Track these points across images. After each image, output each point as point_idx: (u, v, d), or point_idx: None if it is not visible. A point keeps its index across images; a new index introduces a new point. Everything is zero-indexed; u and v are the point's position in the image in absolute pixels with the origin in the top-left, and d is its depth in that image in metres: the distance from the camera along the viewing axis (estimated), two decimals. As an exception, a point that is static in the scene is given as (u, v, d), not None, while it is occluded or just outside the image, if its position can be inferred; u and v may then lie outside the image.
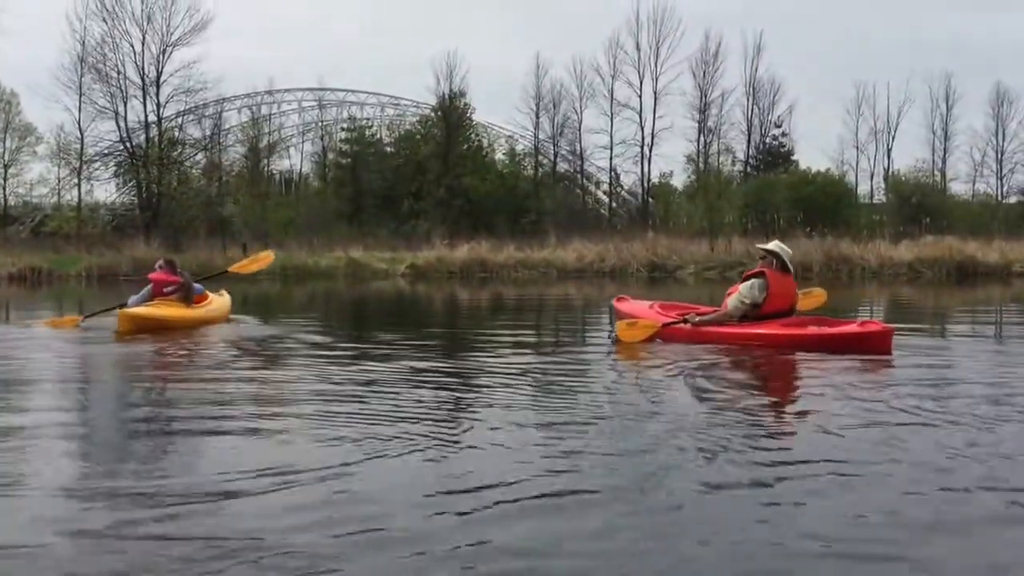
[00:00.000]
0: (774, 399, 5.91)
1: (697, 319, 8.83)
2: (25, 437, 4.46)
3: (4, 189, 46.16)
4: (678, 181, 54.42)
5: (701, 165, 49.15)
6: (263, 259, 12.22)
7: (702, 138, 49.41)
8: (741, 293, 8.54)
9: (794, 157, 52.61)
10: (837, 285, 26.75)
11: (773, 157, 51.85)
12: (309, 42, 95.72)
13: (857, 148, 51.39)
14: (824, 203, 44.71)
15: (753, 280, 8.55)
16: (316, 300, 20.52)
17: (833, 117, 75.30)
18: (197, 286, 11.40)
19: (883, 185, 51.27)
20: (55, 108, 43.13)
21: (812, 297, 9.53)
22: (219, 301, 11.98)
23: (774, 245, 8.81)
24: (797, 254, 30.77)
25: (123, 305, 10.69)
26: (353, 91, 59.06)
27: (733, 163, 50.81)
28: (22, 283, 27.10)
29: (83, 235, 38.04)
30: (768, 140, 51.82)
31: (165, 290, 10.78)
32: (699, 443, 4.19)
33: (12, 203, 47.25)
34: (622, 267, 33.29)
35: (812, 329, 8.18)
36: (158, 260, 11.56)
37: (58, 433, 4.66)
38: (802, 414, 5.24)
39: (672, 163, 63.03)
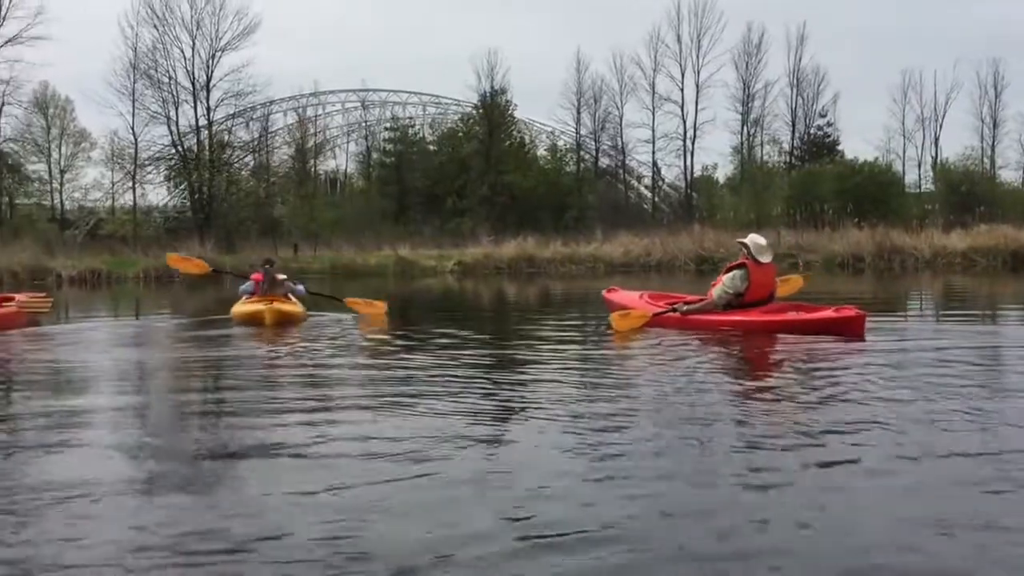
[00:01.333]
0: (816, 389, 5.93)
1: (685, 308, 9.46)
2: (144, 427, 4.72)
3: (61, 194, 47.40)
4: (722, 174, 54.18)
5: (746, 157, 48.81)
6: (378, 308, 12.63)
7: (745, 130, 49.16)
8: (724, 284, 9.17)
9: (839, 147, 51.98)
10: (890, 275, 26.55)
11: (818, 147, 51.21)
12: (351, 44, 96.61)
13: (904, 137, 50.75)
14: (872, 193, 44.07)
15: (735, 271, 9.19)
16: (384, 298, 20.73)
17: (879, 106, 74.06)
18: (300, 287, 12.43)
19: (931, 174, 50.60)
20: (109, 114, 44.19)
21: (790, 283, 10.19)
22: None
23: (750, 239, 9.38)
24: (848, 245, 31.16)
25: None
26: (395, 91, 59.59)
27: (780, 154, 50.37)
28: (82, 285, 27.78)
29: (138, 238, 38.88)
30: (813, 130, 51.22)
31: (263, 287, 11.72)
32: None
33: (68, 207, 48.44)
34: (669, 261, 33.21)
35: (792, 315, 8.86)
36: (260, 262, 12.75)
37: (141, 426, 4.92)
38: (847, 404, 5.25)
39: (715, 156, 62.51)
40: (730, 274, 9.22)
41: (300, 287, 12.38)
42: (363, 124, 57.43)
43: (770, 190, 45.33)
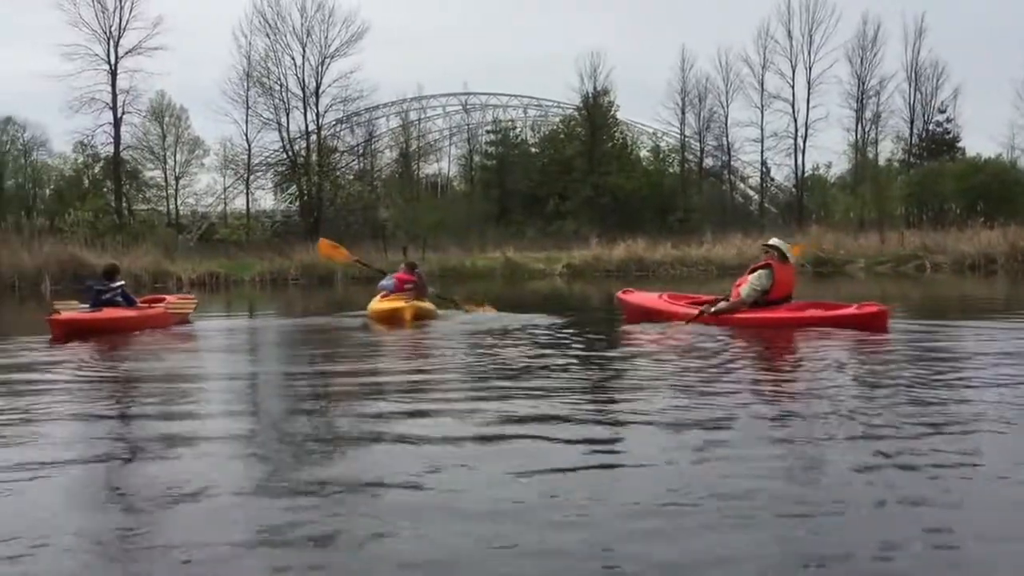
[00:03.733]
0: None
1: (714, 309, 9.92)
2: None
3: (176, 200, 48.90)
4: (834, 172, 52.44)
5: (868, 155, 47.03)
6: (489, 310, 13.27)
7: (860, 127, 47.38)
8: (752, 283, 9.71)
9: (960, 144, 49.67)
10: (1025, 277, 25.05)
11: (937, 145, 49.03)
12: (452, 48, 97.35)
13: (1031, 133, 48.03)
14: (996, 191, 41.90)
15: (762, 271, 9.74)
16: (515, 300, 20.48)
17: (1002, 100, 70.56)
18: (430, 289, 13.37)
19: (1060, 170, 47.77)
20: (224, 121, 45.32)
21: (796, 248, 11.00)
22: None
23: (775, 241, 10.23)
24: (978, 246, 29.52)
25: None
26: (495, 94, 59.64)
27: (898, 152, 48.39)
28: (202, 287, 28.37)
29: (251, 241, 39.71)
30: (931, 127, 49.04)
31: (405, 286, 12.55)
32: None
33: (182, 212, 49.94)
34: (785, 263, 32.08)
35: (821, 312, 9.51)
36: (401, 263, 13.72)
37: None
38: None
39: (826, 155, 60.55)
40: (756, 273, 9.76)
41: (430, 289, 13.32)
42: (465, 127, 57.61)
43: (888, 189, 43.54)
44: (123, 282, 11.81)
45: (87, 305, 11.24)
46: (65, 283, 26.73)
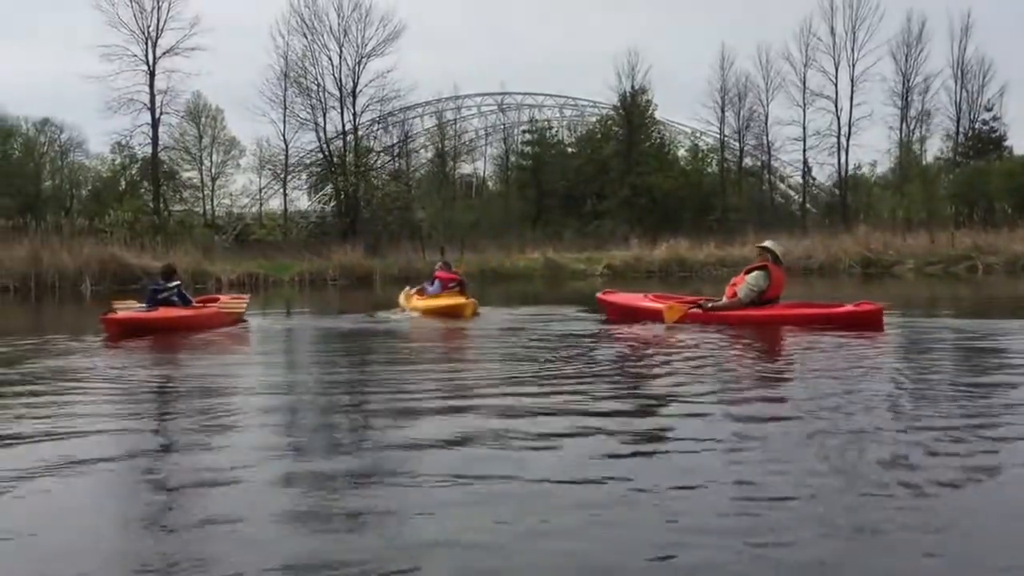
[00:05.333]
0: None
1: (710, 305, 10.44)
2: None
3: (212, 200, 48.94)
4: (880, 171, 51.46)
5: (913, 153, 46.03)
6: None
7: (905, 126, 46.40)
8: (749, 283, 10.19)
9: (1007, 143, 48.49)
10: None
11: (983, 143, 47.91)
12: (488, 48, 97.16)
13: (1082, 130, 46.86)
14: (1047, 191, 40.84)
15: (758, 272, 10.24)
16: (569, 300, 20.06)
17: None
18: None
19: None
20: (261, 121, 45.36)
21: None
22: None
23: (769, 243, 10.75)
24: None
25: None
26: (531, 94, 59.24)
27: (944, 151, 47.33)
28: (241, 288, 28.14)
29: (288, 242, 39.56)
30: (978, 125, 47.92)
31: (449, 285, 13.44)
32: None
33: (218, 213, 49.95)
34: (831, 263, 31.39)
35: (817, 310, 10.09)
36: (437, 262, 14.66)
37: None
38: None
39: (869, 153, 59.45)
40: (753, 274, 10.25)
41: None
42: (501, 127, 57.26)
43: (934, 188, 42.63)
44: (179, 282, 11.87)
45: (143, 304, 11.33)
46: (105, 283, 26.66)
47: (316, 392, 6.28)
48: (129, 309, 11.16)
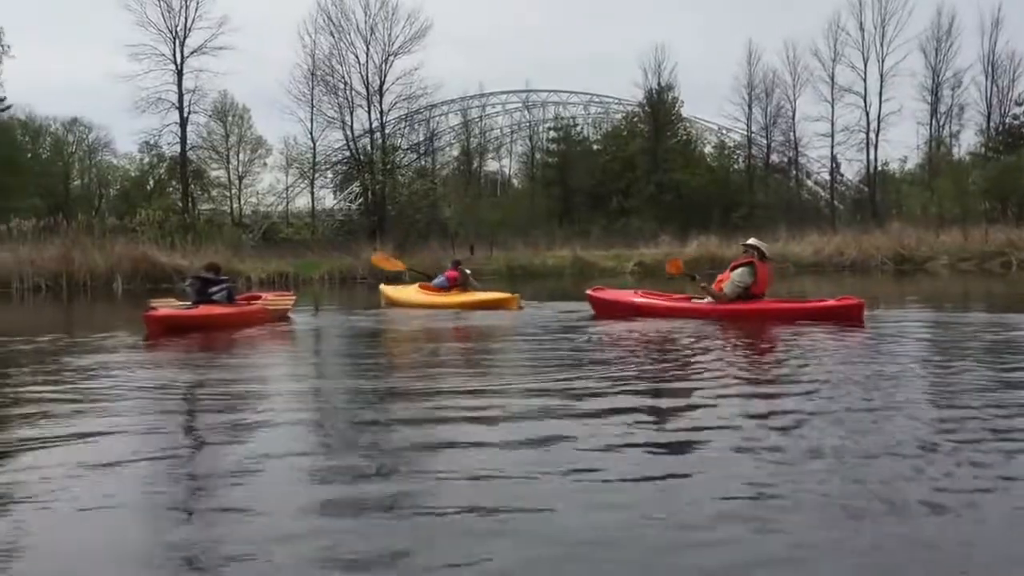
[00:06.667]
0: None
1: (703, 285, 10.71)
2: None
3: (240, 199, 49.10)
4: (908, 167, 50.88)
5: (944, 148, 45.45)
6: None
7: (935, 121, 45.86)
8: (734, 279, 10.41)
9: (1039, 138, 47.73)
10: None
11: (1014, 138, 47.24)
12: (513, 45, 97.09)
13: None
14: (1081, 186, 40.10)
15: (743, 268, 10.46)
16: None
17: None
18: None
19: None
20: (290, 120, 45.47)
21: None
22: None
23: (754, 241, 11.00)
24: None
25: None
26: (556, 91, 59.07)
27: (984, 145, 46.59)
28: (271, 286, 28.22)
29: (316, 240, 39.60)
30: (1008, 120, 47.28)
31: (456, 282, 14.92)
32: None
33: (244, 211, 50.13)
34: (864, 260, 31.04)
35: (800, 303, 10.63)
36: (451, 261, 15.99)
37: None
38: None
39: (898, 149, 58.80)
40: (738, 270, 10.46)
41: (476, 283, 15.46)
42: (526, 124, 57.13)
43: (964, 184, 42.00)
44: (227, 278, 11.84)
45: (186, 303, 11.21)
46: (136, 282, 26.75)
47: (347, 388, 6.28)
48: (169, 306, 11.01)
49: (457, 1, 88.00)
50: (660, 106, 49.17)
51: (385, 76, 42.00)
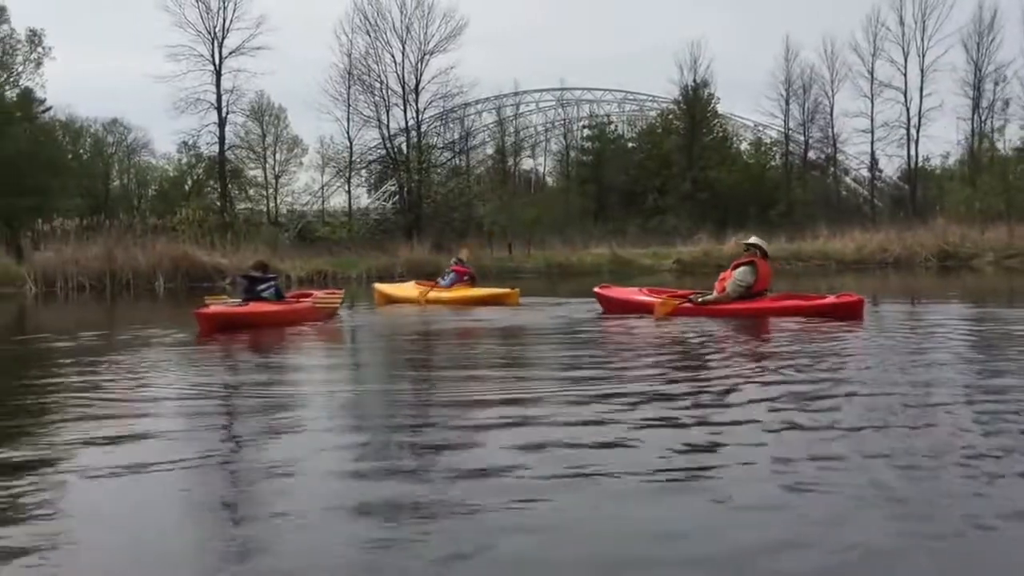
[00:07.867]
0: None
1: (701, 300, 10.77)
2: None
3: (276, 198, 49.46)
4: (949, 163, 50.06)
5: (987, 143, 44.66)
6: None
7: (977, 116, 45.05)
8: (736, 279, 10.55)
9: (1083, 132, 46.69)
10: None
11: (1058, 133, 46.28)
12: (547, 44, 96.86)
13: None
14: None
15: (745, 267, 10.62)
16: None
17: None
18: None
19: None
20: (326, 119, 45.67)
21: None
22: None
23: (755, 239, 11.23)
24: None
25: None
26: (590, 89, 58.82)
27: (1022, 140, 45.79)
28: (310, 285, 28.36)
29: (352, 239, 39.74)
30: (1053, 114, 46.26)
31: (463, 278, 15.35)
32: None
33: (280, 210, 50.49)
34: (908, 257, 30.57)
35: (801, 301, 10.50)
36: (453, 258, 16.34)
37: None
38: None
39: (939, 144, 57.73)
40: (740, 269, 10.61)
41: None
42: (561, 122, 56.99)
43: (1007, 179, 41.31)
44: (276, 275, 11.95)
45: (237, 300, 11.30)
46: (178, 281, 26.98)
47: (386, 387, 6.35)
48: (221, 304, 11.14)
49: (494, 1, 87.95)
50: (696, 102, 48.78)
51: (421, 75, 42.11)
